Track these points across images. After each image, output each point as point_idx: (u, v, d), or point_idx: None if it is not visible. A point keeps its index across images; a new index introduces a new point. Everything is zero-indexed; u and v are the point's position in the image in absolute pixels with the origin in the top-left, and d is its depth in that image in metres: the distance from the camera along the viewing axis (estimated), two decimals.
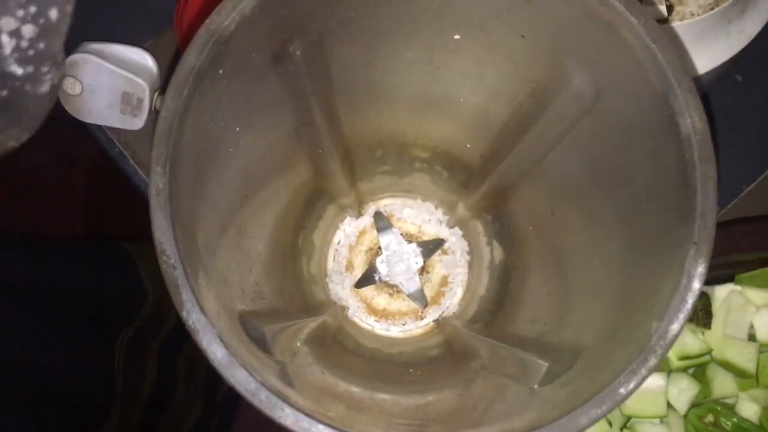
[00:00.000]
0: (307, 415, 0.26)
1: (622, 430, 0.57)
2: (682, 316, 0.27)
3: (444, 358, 0.51)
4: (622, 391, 0.27)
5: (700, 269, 0.27)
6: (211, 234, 0.33)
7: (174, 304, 0.27)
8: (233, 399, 1.25)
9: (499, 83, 0.40)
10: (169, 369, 0.89)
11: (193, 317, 0.27)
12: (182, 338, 0.94)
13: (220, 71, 0.30)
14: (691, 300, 0.27)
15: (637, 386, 0.27)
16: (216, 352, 0.27)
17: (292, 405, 0.26)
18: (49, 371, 0.66)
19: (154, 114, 0.61)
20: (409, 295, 0.56)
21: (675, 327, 0.27)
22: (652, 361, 0.27)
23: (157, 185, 0.27)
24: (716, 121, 0.60)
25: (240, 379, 0.27)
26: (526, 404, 0.31)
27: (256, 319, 0.34)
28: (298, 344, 0.40)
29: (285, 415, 0.26)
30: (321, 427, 0.26)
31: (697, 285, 0.27)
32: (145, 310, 0.82)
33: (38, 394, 0.65)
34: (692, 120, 0.28)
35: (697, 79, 0.52)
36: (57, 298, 0.70)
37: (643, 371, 0.27)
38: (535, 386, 0.33)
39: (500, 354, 0.42)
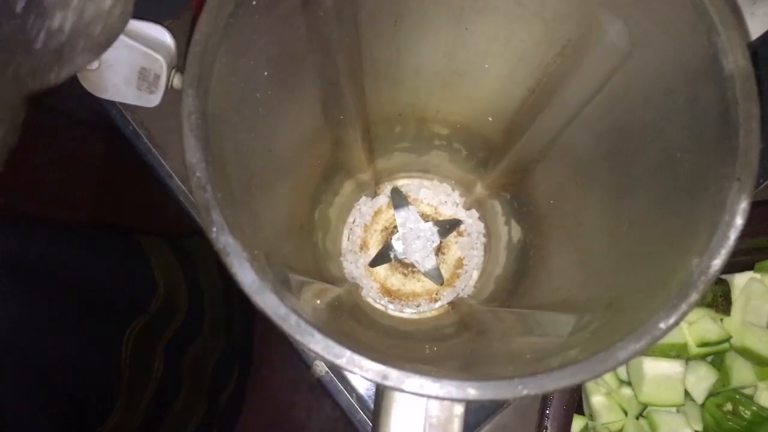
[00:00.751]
0: (337, 341, 0.26)
1: (638, 418, 0.56)
2: (724, 252, 0.26)
3: (460, 335, 0.50)
4: (662, 325, 0.26)
5: (743, 205, 0.27)
6: (237, 174, 0.32)
7: (196, 299, 0.27)
8: (235, 407, 1.24)
9: (528, 44, 0.40)
10: (175, 368, 0.88)
11: (222, 240, 0.26)
12: (189, 338, 0.93)
13: (254, 2, 0.30)
14: (733, 236, 0.26)
15: (677, 321, 0.26)
16: (246, 275, 0.26)
17: (320, 331, 0.26)
18: (58, 359, 0.65)
19: (170, 92, 0.61)
20: (425, 273, 0.56)
21: (717, 262, 0.26)
22: (693, 297, 0.26)
23: (189, 106, 0.27)
24: None
25: (270, 303, 0.26)
26: (558, 349, 0.30)
27: (281, 265, 0.34)
28: (318, 302, 0.39)
29: (315, 341, 0.25)
30: (349, 353, 0.25)
31: (740, 221, 0.26)
32: (155, 304, 0.81)
33: (47, 382, 0.64)
34: (735, 58, 0.28)
35: None
36: (68, 283, 0.69)
37: (684, 306, 0.26)
38: (564, 336, 0.32)
39: (521, 320, 0.41)
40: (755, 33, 0.51)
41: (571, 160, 0.44)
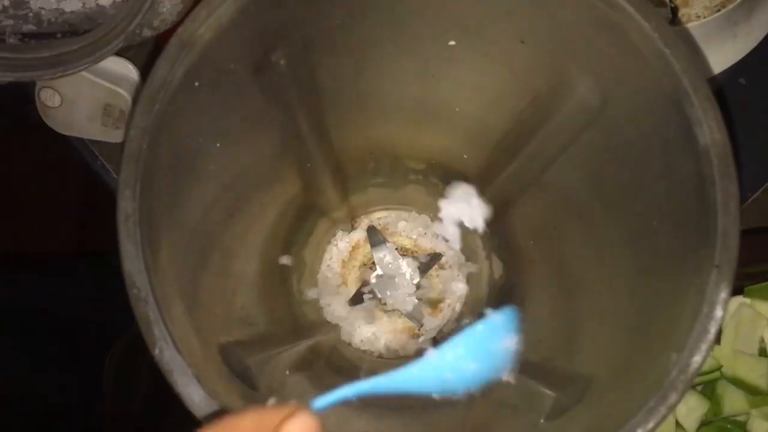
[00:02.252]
0: None
1: None
2: (704, 347, 0.25)
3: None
4: (640, 431, 0.24)
5: (723, 295, 0.25)
6: (190, 260, 0.30)
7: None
8: None
9: (498, 92, 0.38)
10: (162, 387, 0.87)
11: (166, 356, 0.24)
12: None
13: (196, 84, 0.28)
14: (713, 329, 0.25)
15: (656, 426, 0.24)
16: (192, 394, 0.24)
17: None
18: (35, 390, 0.64)
19: None
20: (406, 315, 0.54)
21: (697, 359, 0.25)
22: (673, 398, 0.24)
23: (126, 211, 0.25)
24: None
25: None
26: None
27: (240, 349, 0.32)
28: (287, 373, 0.37)
29: None
30: None
31: (719, 313, 0.25)
32: (136, 326, 0.80)
33: (29, 418, 0.63)
34: (711, 131, 0.26)
35: None
36: (42, 318, 0.68)
37: (663, 410, 0.24)
38: (542, 420, 0.30)
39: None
40: (738, 54, 0.49)
41: (548, 205, 0.42)
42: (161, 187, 0.27)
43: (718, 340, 0.53)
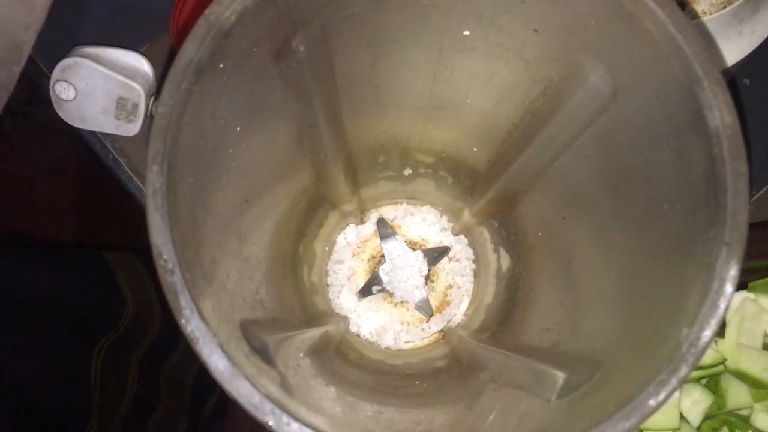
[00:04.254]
0: (314, 429, 0.25)
1: None
2: (714, 322, 0.25)
3: (450, 369, 0.49)
4: (651, 402, 0.25)
5: (733, 272, 0.26)
6: (210, 239, 0.31)
7: (171, 312, 0.26)
8: (219, 419, 1.23)
9: (510, 83, 0.39)
10: (150, 383, 0.88)
11: (192, 325, 0.25)
12: (165, 352, 0.92)
13: (221, 65, 0.28)
14: (723, 305, 0.26)
15: (667, 397, 0.25)
16: (217, 362, 0.25)
17: (297, 419, 0.25)
18: (25, 380, 0.65)
19: (149, 120, 0.60)
20: (415, 306, 0.55)
21: (707, 333, 0.25)
22: (684, 371, 0.25)
23: (154, 185, 0.26)
24: None
25: (243, 391, 0.25)
26: (544, 418, 0.29)
27: (257, 328, 0.33)
28: (301, 355, 0.38)
29: (291, 430, 0.24)
30: None
31: (729, 289, 0.26)
32: (124, 320, 0.81)
33: (15, 403, 0.63)
34: (721, 114, 0.27)
35: None
36: (28, 306, 0.68)
37: (674, 381, 0.25)
38: (553, 398, 0.31)
39: (511, 364, 0.40)
40: (743, 51, 0.50)
41: (557, 195, 0.43)
42: (185, 166, 0.28)
43: (722, 333, 0.54)
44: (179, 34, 0.57)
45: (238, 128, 0.33)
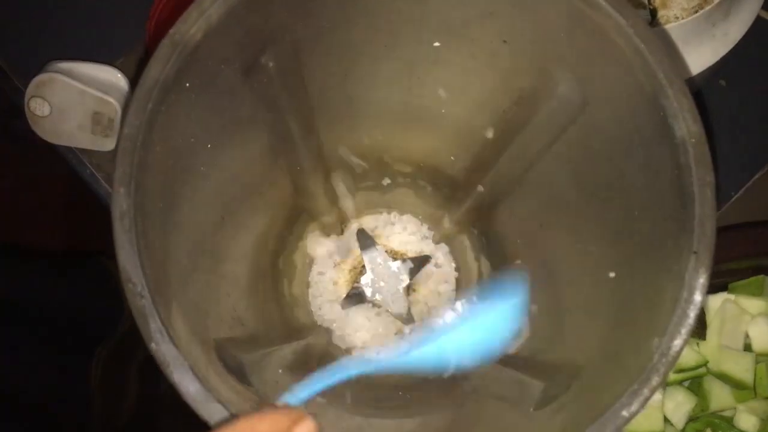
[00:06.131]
0: None
1: None
2: (684, 331, 0.25)
3: (434, 379, 0.49)
4: (624, 413, 0.25)
5: (701, 280, 0.26)
6: (183, 259, 0.31)
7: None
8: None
9: (483, 93, 0.39)
10: (152, 388, 0.87)
11: (162, 349, 0.25)
12: None
13: (187, 84, 0.28)
14: (693, 313, 0.26)
15: (640, 408, 0.25)
16: (188, 386, 0.25)
17: None
18: (19, 388, 0.64)
19: None
20: (396, 315, 0.54)
21: (677, 343, 0.25)
22: (655, 381, 0.25)
23: (121, 207, 0.26)
24: None
25: (216, 415, 0.25)
26: (522, 430, 0.29)
27: (234, 347, 0.32)
28: (280, 371, 0.38)
29: None
30: None
31: (698, 297, 0.26)
32: (123, 326, 0.80)
33: (13, 409, 0.63)
34: (686, 122, 0.27)
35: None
36: (27, 312, 0.68)
37: (646, 391, 0.25)
38: (531, 410, 0.31)
39: (491, 374, 0.40)
40: (717, 54, 0.50)
41: (535, 203, 0.43)
42: (154, 186, 0.28)
43: (703, 335, 0.54)
44: (154, 40, 0.57)
45: (209, 146, 0.33)
